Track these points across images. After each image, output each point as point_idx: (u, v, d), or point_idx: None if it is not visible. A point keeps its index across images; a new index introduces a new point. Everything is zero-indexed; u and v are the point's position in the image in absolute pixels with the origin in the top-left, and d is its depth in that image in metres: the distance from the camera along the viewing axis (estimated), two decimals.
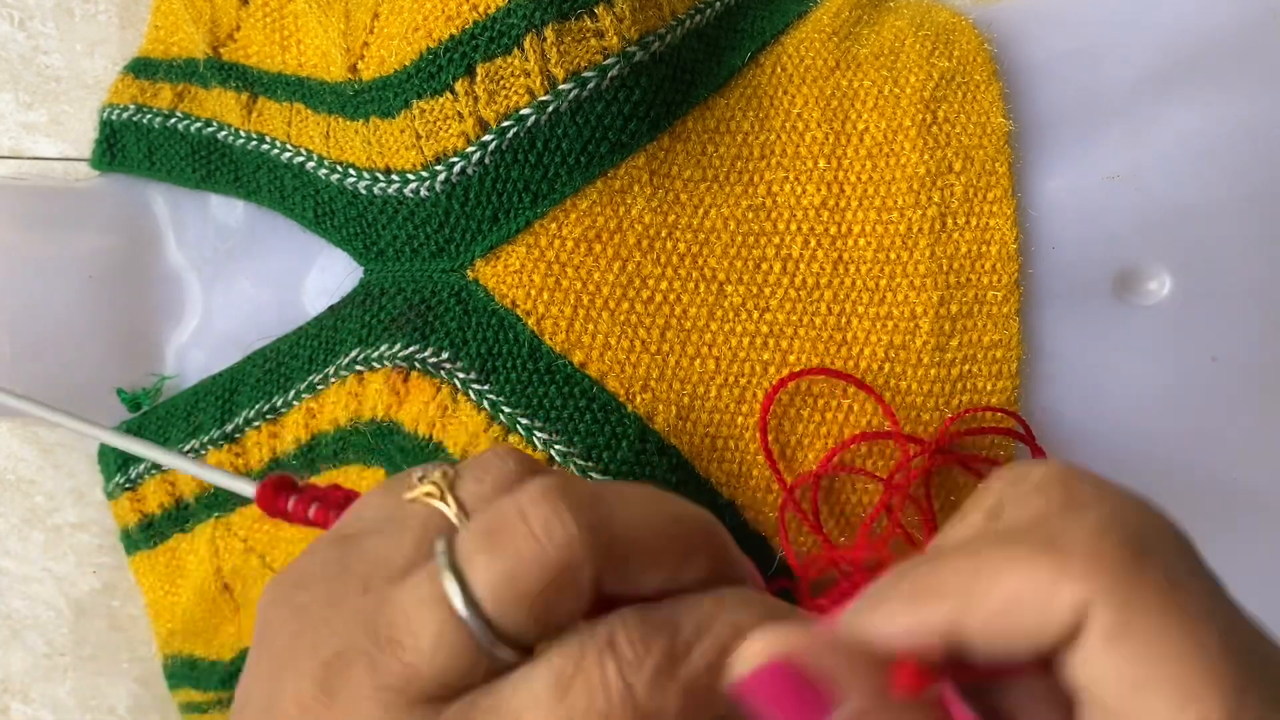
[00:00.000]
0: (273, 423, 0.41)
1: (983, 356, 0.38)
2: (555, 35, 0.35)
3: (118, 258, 0.45)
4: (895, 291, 0.38)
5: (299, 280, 0.44)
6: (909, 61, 0.40)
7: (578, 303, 0.37)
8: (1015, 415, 0.38)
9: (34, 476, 0.52)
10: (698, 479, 0.37)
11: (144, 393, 0.45)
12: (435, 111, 0.36)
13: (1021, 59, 0.41)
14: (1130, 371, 0.39)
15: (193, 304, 0.46)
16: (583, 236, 0.37)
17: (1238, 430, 0.40)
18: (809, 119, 0.39)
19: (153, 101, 0.47)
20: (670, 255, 0.37)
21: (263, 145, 0.43)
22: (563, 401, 0.36)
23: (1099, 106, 0.40)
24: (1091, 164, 0.39)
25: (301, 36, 0.43)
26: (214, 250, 0.46)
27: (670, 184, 0.38)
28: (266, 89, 0.44)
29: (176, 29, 0.48)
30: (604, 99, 0.36)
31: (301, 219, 0.42)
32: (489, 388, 0.36)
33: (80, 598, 0.51)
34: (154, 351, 0.46)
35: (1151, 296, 0.39)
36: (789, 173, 0.38)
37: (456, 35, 0.35)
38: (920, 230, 0.38)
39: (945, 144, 0.38)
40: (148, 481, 0.45)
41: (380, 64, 0.37)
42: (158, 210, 0.47)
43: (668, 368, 0.37)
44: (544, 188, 0.36)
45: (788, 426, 0.37)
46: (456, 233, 0.37)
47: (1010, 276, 0.38)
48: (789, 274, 0.38)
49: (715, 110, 0.39)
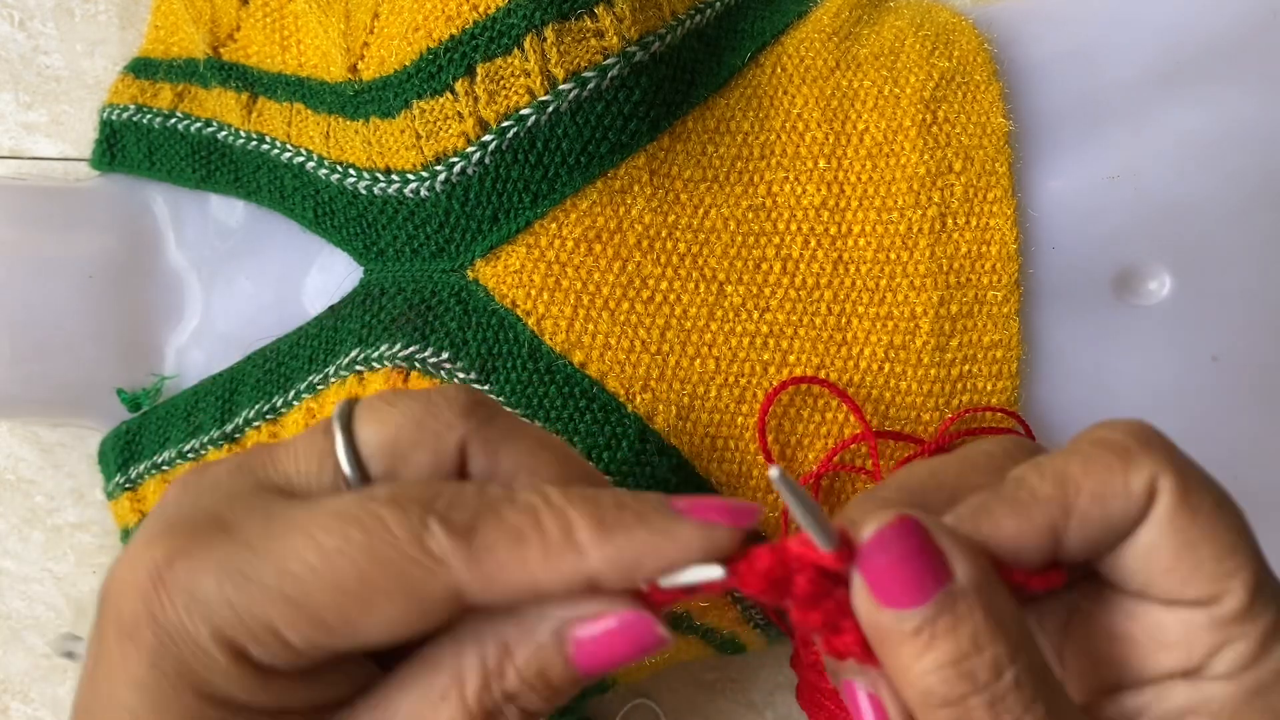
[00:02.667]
0: (273, 423, 0.41)
1: (983, 356, 0.38)
2: (555, 35, 0.35)
3: (118, 258, 0.45)
4: (895, 291, 0.38)
5: (299, 280, 0.44)
6: (909, 61, 0.40)
7: (578, 303, 0.37)
8: (1015, 415, 0.38)
9: (34, 476, 0.52)
10: (698, 479, 0.37)
11: (144, 393, 0.45)
12: (435, 111, 0.36)
13: (1021, 59, 0.41)
14: (1130, 371, 0.39)
15: (193, 304, 0.46)
16: (583, 236, 0.37)
17: (1238, 430, 0.40)
18: (809, 119, 0.39)
19: (153, 101, 0.47)
20: (670, 255, 0.37)
21: (263, 145, 0.43)
22: (563, 402, 0.36)
23: (1099, 106, 0.40)
24: (1091, 164, 0.39)
25: (301, 36, 0.43)
26: (214, 250, 0.46)
27: (670, 184, 0.38)
28: (266, 89, 0.44)
29: (176, 29, 0.48)
30: (604, 99, 0.36)
31: (301, 219, 0.42)
32: (489, 388, 0.36)
33: (80, 598, 0.51)
34: (154, 351, 0.46)
35: (1151, 296, 0.39)
36: (789, 173, 0.38)
37: (456, 35, 0.35)
38: (920, 230, 0.38)
39: (945, 144, 0.38)
40: (148, 482, 0.45)
41: (380, 64, 0.37)
42: (158, 210, 0.47)
43: (668, 368, 0.37)
44: (544, 188, 0.36)
45: (788, 426, 0.37)
46: (456, 233, 0.37)
47: (1010, 276, 0.38)
48: (789, 274, 0.38)
49: (715, 110, 0.39)
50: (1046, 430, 0.39)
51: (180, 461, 0.43)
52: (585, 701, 0.48)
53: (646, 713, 0.50)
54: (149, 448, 0.44)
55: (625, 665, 0.20)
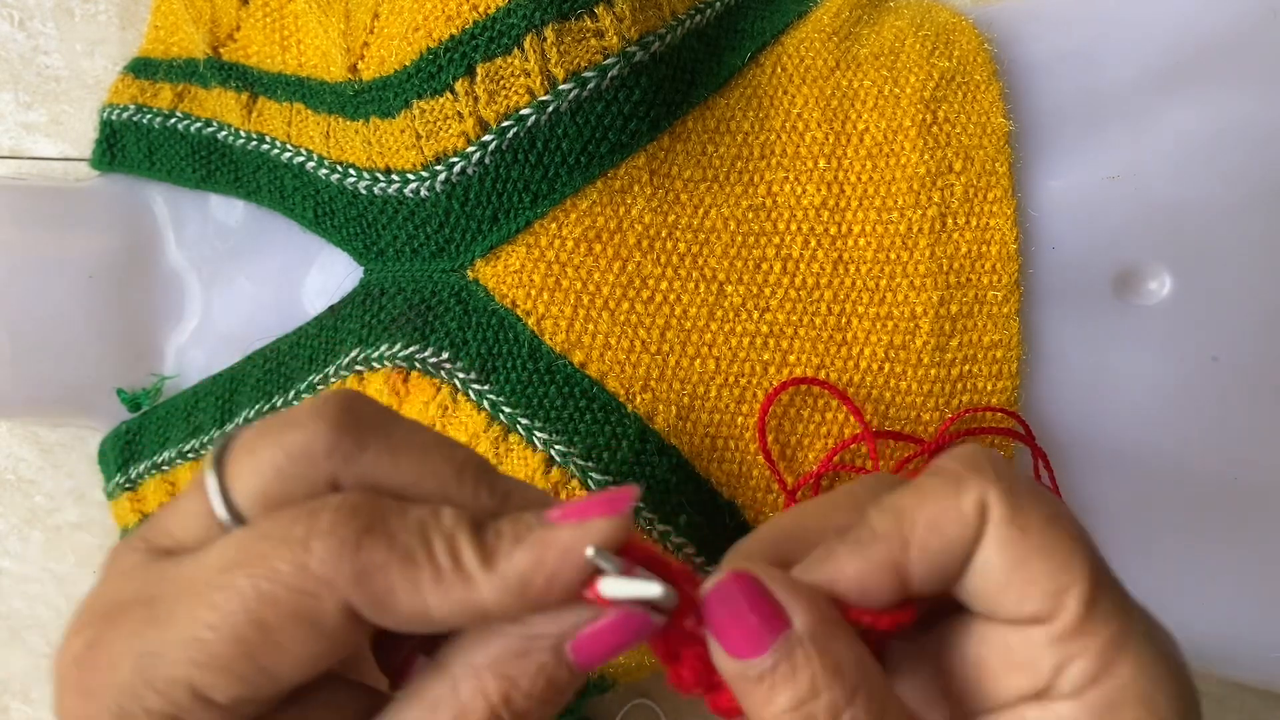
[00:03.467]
0: None
1: (983, 356, 0.38)
2: (555, 35, 0.35)
3: (118, 258, 0.45)
4: (895, 291, 0.38)
5: (299, 280, 0.44)
6: (909, 61, 0.40)
7: (578, 303, 0.37)
8: (1015, 415, 0.38)
9: (34, 476, 0.52)
10: (698, 479, 0.37)
11: (144, 393, 0.45)
12: (435, 111, 0.36)
13: (1021, 59, 0.41)
14: (1130, 371, 0.39)
15: (193, 304, 0.46)
16: (583, 236, 0.37)
17: (1238, 430, 0.40)
18: (809, 119, 0.39)
19: (153, 101, 0.47)
20: (670, 255, 0.37)
21: (263, 145, 0.43)
22: (563, 402, 0.36)
23: (1099, 106, 0.40)
24: (1091, 164, 0.39)
25: (301, 36, 0.43)
26: (214, 250, 0.46)
27: (670, 184, 0.38)
28: (266, 89, 0.44)
29: (176, 29, 0.48)
30: (604, 99, 0.36)
31: (301, 219, 0.42)
32: (489, 388, 0.36)
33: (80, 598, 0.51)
34: (154, 351, 0.46)
35: (1151, 296, 0.39)
36: (789, 173, 0.38)
37: (456, 35, 0.35)
38: (920, 230, 0.38)
39: (945, 144, 0.38)
40: (148, 482, 0.45)
41: (380, 64, 0.37)
42: (158, 210, 0.47)
43: (668, 368, 0.37)
44: (544, 188, 0.36)
45: (788, 426, 0.37)
46: (456, 233, 0.37)
47: (1010, 276, 0.38)
48: (789, 274, 0.38)
49: (715, 110, 0.39)
50: (1046, 430, 0.39)
51: (180, 461, 0.43)
52: (585, 701, 0.48)
53: (646, 713, 0.50)
54: (149, 448, 0.44)
55: (623, 652, 0.21)
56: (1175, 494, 0.40)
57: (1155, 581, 0.41)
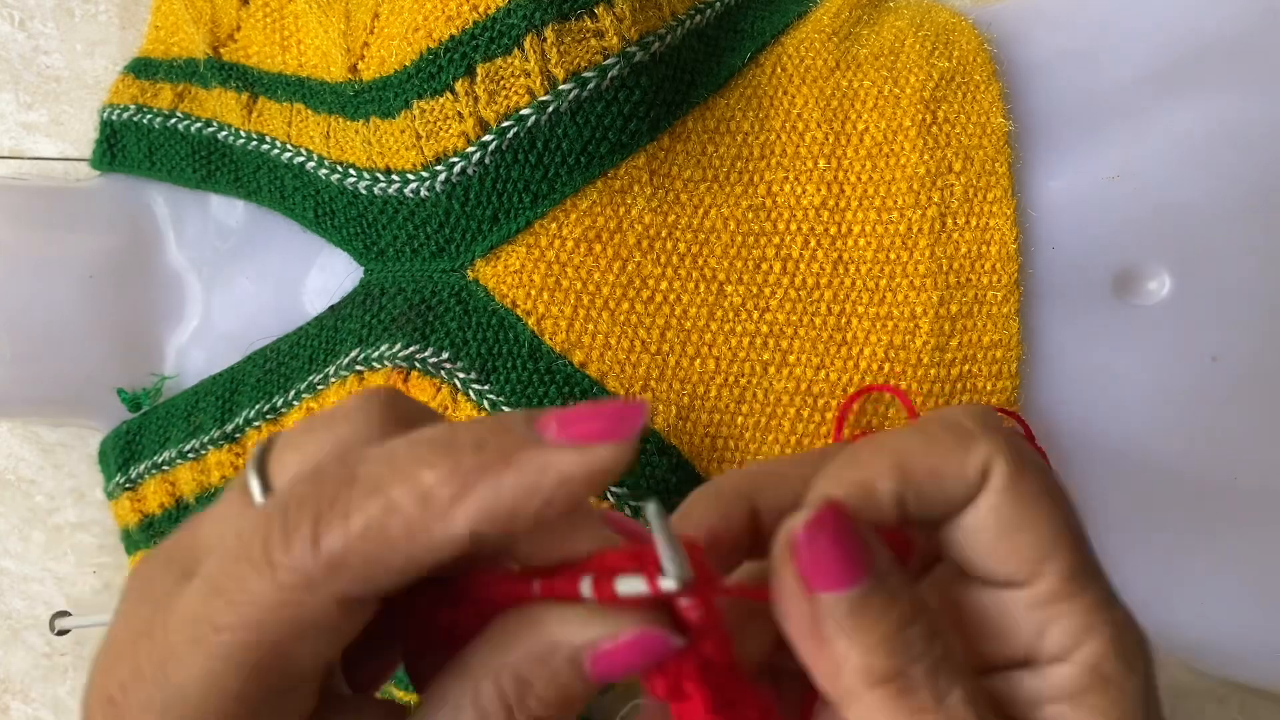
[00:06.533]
0: (273, 423, 0.41)
1: (983, 356, 0.38)
2: (555, 35, 0.35)
3: (118, 258, 0.45)
4: (895, 291, 0.38)
5: (299, 280, 0.44)
6: (909, 61, 0.40)
7: (578, 303, 0.37)
8: (1015, 415, 0.38)
9: (34, 476, 0.52)
10: (698, 479, 0.37)
11: (144, 393, 0.45)
12: (435, 111, 0.36)
13: (1021, 59, 0.41)
14: (1130, 371, 0.39)
15: (193, 304, 0.46)
16: (583, 236, 0.37)
17: (1237, 430, 0.40)
18: (809, 119, 0.39)
19: (153, 101, 0.47)
20: (670, 255, 0.37)
21: (263, 145, 0.44)
22: (563, 401, 0.36)
23: (1099, 106, 0.40)
24: (1091, 164, 0.39)
25: (301, 36, 0.43)
26: (214, 250, 0.46)
27: (670, 184, 0.38)
28: (266, 89, 0.44)
29: (176, 29, 0.48)
30: (604, 99, 0.36)
31: (301, 219, 0.42)
32: (489, 388, 0.36)
33: (80, 598, 0.51)
34: (154, 351, 0.46)
35: (1151, 296, 0.39)
36: (789, 173, 0.38)
37: (456, 35, 0.35)
38: (920, 230, 0.38)
39: (945, 144, 0.38)
40: (148, 482, 0.45)
41: (380, 64, 0.37)
42: (158, 210, 0.47)
43: (668, 368, 0.37)
44: (544, 188, 0.36)
45: (788, 426, 0.37)
46: (457, 233, 0.37)
47: (1010, 276, 0.38)
48: (789, 274, 0.38)
49: (715, 110, 0.39)
50: (1046, 430, 0.39)
51: (180, 461, 0.43)
52: None
53: None
54: (149, 447, 0.44)
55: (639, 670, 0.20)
56: (1175, 494, 0.40)
57: (1154, 580, 0.41)
